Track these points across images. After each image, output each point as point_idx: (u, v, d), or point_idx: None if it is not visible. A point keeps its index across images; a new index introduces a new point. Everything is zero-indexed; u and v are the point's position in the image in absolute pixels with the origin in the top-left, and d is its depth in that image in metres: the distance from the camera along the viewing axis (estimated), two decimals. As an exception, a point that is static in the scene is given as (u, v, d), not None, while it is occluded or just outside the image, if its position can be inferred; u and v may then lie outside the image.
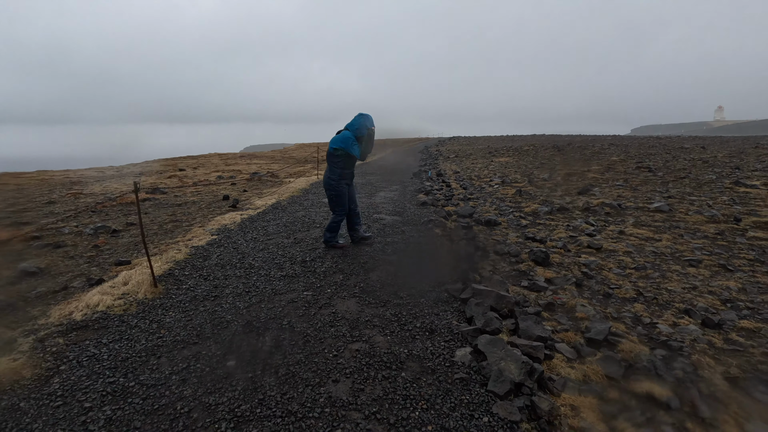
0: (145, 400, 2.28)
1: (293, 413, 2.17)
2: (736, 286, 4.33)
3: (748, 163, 15.27)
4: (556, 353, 2.97)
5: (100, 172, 17.27)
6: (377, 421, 2.13)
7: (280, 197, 8.72)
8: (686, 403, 2.55)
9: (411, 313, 3.34)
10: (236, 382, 2.43)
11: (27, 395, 2.31)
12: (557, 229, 6.62)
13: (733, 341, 3.25)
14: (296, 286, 3.85)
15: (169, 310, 3.37)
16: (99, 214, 7.33)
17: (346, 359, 2.67)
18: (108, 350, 2.77)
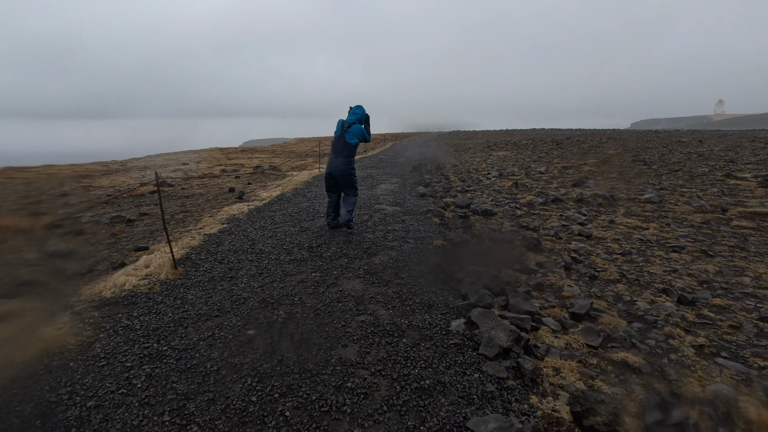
0: (179, 360, 2.60)
1: (309, 371, 2.50)
2: (714, 269, 4.65)
3: (743, 156, 15.52)
4: (542, 325, 3.29)
5: (105, 166, 17.55)
6: (382, 377, 2.45)
7: (284, 189, 9.02)
8: (656, 368, 2.88)
9: (411, 291, 3.66)
10: (257, 347, 2.75)
11: (74, 357, 2.63)
12: (550, 218, 6.94)
13: (704, 316, 3.57)
14: (305, 269, 4.17)
15: (190, 288, 3.69)
16: (112, 205, 7.64)
17: (353, 328, 3.00)
18: (139, 322, 3.09)
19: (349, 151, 5.25)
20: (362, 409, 2.19)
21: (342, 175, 5.26)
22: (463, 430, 2.06)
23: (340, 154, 5.25)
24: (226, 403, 2.22)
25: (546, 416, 2.26)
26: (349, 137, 5.19)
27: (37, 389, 2.33)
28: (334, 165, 5.27)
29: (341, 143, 5.23)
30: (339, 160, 5.25)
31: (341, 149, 5.26)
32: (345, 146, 5.22)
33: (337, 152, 5.28)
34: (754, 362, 2.90)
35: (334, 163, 5.27)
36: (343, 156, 5.24)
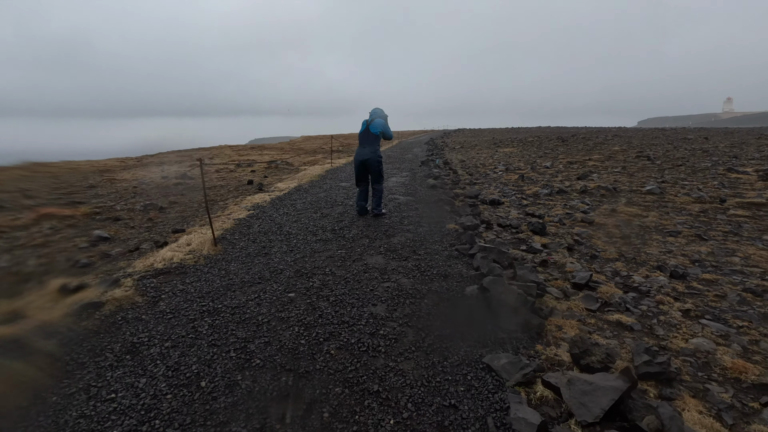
0: (233, 314, 3.04)
1: (345, 322, 2.93)
2: (707, 250, 5.02)
3: (748, 152, 15.74)
4: (546, 293, 3.70)
5: (121, 162, 18.09)
6: (408, 327, 2.88)
7: (300, 181, 9.46)
8: (646, 326, 3.28)
9: (428, 264, 4.08)
10: (299, 305, 3.19)
11: (145, 312, 3.09)
12: (555, 207, 7.32)
13: (693, 287, 3.96)
14: (330, 247, 4.60)
15: (231, 262, 4.14)
16: (141, 196, 8.12)
17: (380, 292, 3.42)
18: (193, 287, 3.54)
19: (374, 140, 5.97)
20: (394, 349, 2.62)
21: (372, 161, 5.91)
22: (480, 364, 2.49)
23: (368, 145, 5.95)
24: (279, 345, 2.66)
25: (549, 358, 2.68)
26: (373, 128, 5.92)
27: (121, 334, 2.79)
28: (364, 153, 5.93)
29: (367, 135, 5.96)
30: (367, 149, 5.93)
31: (368, 140, 5.98)
32: (370, 137, 5.94)
33: (364, 144, 5.98)
34: (734, 323, 3.29)
35: (364, 152, 5.94)
36: (370, 145, 5.94)
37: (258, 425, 1.99)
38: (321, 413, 2.08)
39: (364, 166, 5.97)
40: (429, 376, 2.37)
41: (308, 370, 2.42)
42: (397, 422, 2.03)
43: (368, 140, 5.96)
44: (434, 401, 2.18)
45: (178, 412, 2.08)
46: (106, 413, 2.07)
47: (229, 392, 2.22)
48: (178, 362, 2.47)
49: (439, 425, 2.02)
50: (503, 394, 2.24)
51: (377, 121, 5.93)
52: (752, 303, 3.63)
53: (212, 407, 2.11)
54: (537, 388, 2.35)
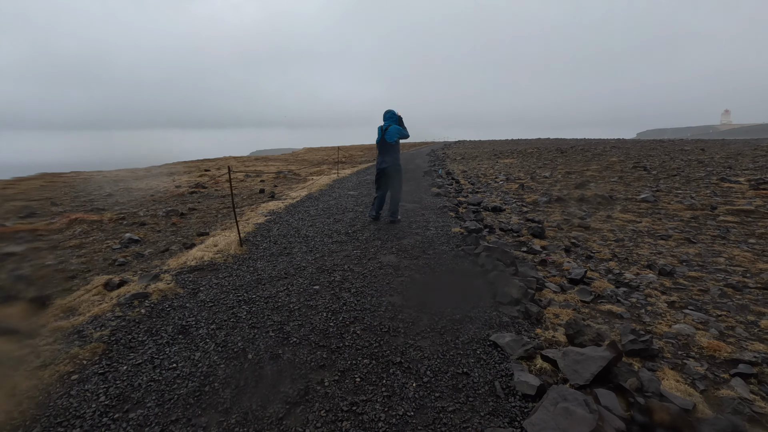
0: (267, 303, 3.43)
1: (367, 309, 3.32)
2: (695, 252, 5.41)
3: (742, 163, 16.18)
4: (545, 287, 4.09)
5: (132, 172, 18.58)
6: (423, 313, 3.26)
7: (310, 190, 9.90)
8: (634, 315, 3.66)
9: (437, 262, 4.47)
10: (324, 296, 3.58)
11: (188, 301, 3.48)
12: (553, 214, 7.73)
13: (679, 283, 4.35)
14: (346, 248, 5.00)
15: (257, 261, 4.53)
16: (159, 203, 8.54)
17: (395, 285, 3.81)
18: (226, 281, 3.93)
19: (391, 148, 6.11)
20: (412, 330, 3.00)
21: (390, 170, 6.13)
22: (487, 341, 2.87)
23: (387, 154, 6.15)
24: (311, 327, 3.04)
25: (547, 339, 3.05)
26: (389, 137, 6.05)
27: (171, 318, 3.18)
28: (386, 162, 6.13)
29: (385, 145, 6.11)
30: (388, 159, 6.13)
31: (387, 150, 6.15)
32: (388, 146, 6.11)
33: (384, 153, 6.17)
34: (714, 312, 3.67)
35: (385, 162, 6.14)
36: (390, 155, 6.14)
37: (302, 387, 2.37)
38: (354, 378, 2.46)
39: (383, 174, 6.20)
40: (443, 351, 2.75)
41: (338, 346, 2.79)
42: (418, 385, 2.40)
43: (386, 149, 6.10)
44: (449, 369, 2.55)
45: (233, 376, 2.46)
46: (171, 378, 2.45)
47: (273, 363, 2.60)
48: (225, 340, 2.86)
49: (455, 387, 2.40)
50: (508, 365, 2.61)
51: (392, 129, 6.00)
52: (732, 296, 4.01)
53: (261, 373, 2.49)
54: (537, 361, 2.72)
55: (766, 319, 3.52)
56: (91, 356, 2.67)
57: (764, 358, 2.86)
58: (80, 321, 3.15)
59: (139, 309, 3.33)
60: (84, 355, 2.67)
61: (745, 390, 2.55)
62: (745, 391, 2.54)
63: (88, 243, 5.47)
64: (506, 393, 2.35)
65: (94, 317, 3.20)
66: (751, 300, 3.92)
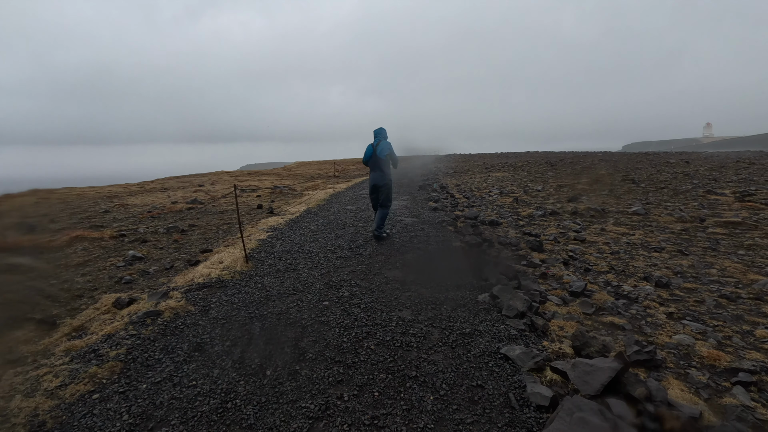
0: (279, 319, 3.48)
1: (378, 324, 3.39)
2: (688, 263, 5.59)
3: (726, 175, 16.65)
4: (548, 300, 4.19)
5: (125, 188, 18.47)
6: (433, 327, 3.34)
7: (308, 205, 9.97)
8: (636, 326, 3.78)
9: (442, 277, 4.57)
10: (334, 311, 3.64)
11: (200, 318, 3.51)
12: (549, 227, 7.90)
13: (675, 294, 4.49)
14: (351, 263, 5.07)
15: (264, 277, 4.58)
16: (158, 219, 8.54)
17: (404, 300, 3.89)
18: (236, 298, 3.97)
19: (383, 164, 6.29)
20: (424, 345, 3.08)
21: (384, 184, 6.29)
22: (498, 354, 2.95)
23: (380, 169, 6.32)
24: (325, 343, 3.10)
25: (554, 351, 3.15)
26: (380, 153, 6.25)
27: (185, 336, 3.21)
28: (378, 178, 6.29)
29: (377, 161, 6.28)
30: (379, 174, 6.30)
31: (379, 165, 6.32)
32: (379, 162, 6.27)
33: (375, 169, 6.34)
34: (711, 323, 3.80)
35: (377, 177, 6.30)
36: (381, 170, 6.30)
37: (322, 402, 2.42)
38: (372, 393, 2.52)
39: (376, 190, 6.36)
40: (457, 365, 2.83)
41: (354, 361, 2.86)
42: (436, 398, 2.47)
43: (378, 164, 6.27)
44: (464, 383, 2.63)
45: (254, 393, 2.50)
46: (193, 395, 2.49)
47: (292, 379, 2.65)
48: (241, 357, 2.90)
49: (471, 399, 2.47)
50: (520, 377, 2.70)
51: (383, 145, 6.21)
52: (726, 307, 4.16)
53: (281, 389, 2.54)
54: (546, 373, 2.81)
55: (761, 329, 3.67)
56: (110, 375, 2.70)
57: (762, 366, 2.99)
58: (94, 340, 3.17)
59: (152, 327, 3.36)
60: (103, 374, 2.70)
61: (746, 398, 2.67)
62: (746, 398, 2.66)
63: (91, 260, 5.46)
64: (521, 404, 2.43)
65: (107, 336, 3.22)
66: (745, 310, 4.07)
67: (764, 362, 3.07)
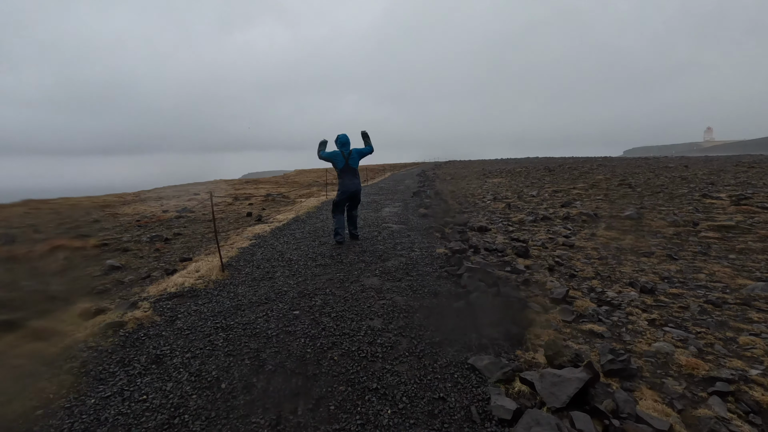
0: (245, 329, 3.38)
1: (346, 334, 3.28)
2: (676, 268, 5.46)
3: (724, 179, 16.51)
4: (527, 308, 4.07)
5: (120, 197, 18.45)
6: (402, 336, 3.23)
7: (297, 213, 9.89)
8: (615, 334, 3.66)
9: (420, 284, 4.46)
10: (303, 321, 3.53)
11: (164, 329, 3.41)
12: (539, 233, 7.79)
13: (660, 300, 4.37)
14: (329, 271, 4.97)
15: (238, 286, 4.49)
16: (145, 228, 8.47)
17: (376, 309, 3.78)
18: (205, 308, 3.87)
19: (356, 172, 6.53)
20: (390, 355, 2.97)
21: (358, 191, 6.57)
22: (465, 364, 2.84)
23: (354, 177, 6.48)
24: (288, 353, 3.00)
25: (527, 361, 3.04)
26: (353, 162, 6.42)
27: (145, 348, 3.11)
28: (355, 185, 6.46)
29: (350, 169, 6.42)
30: (355, 181, 6.47)
31: (353, 174, 6.48)
32: (353, 170, 6.46)
33: (350, 176, 6.45)
34: (693, 330, 3.68)
35: (354, 184, 6.45)
36: (355, 177, 6.50)
37: (274, 417, 2.32)
38: (328, 406, 2.41)
39: (353, 196, 6.50)
40: (421, 376, 2.72)
41: (315, 373, 2.75)
42: (393, 412, 2.36)
43: (351, 173, 6.43)
44: (425, 395, 2.52)
45: (204, 408, 2.40)
46: (140, 411, 2.38)
47: (247, 392, 2.55)
48: (199, 369, 2.80)
49: (430, 413, 2.36)
50: (485, 388, 2.59)
51: (354, 153, 6.39)
52: (711, 313, 4.03)
53: (233, 404, 2.43)
54: (515, 384, 2.70)
55: (745, 336, 3.54)
56: (59, 390, 2.60)
57: (741, 375, 2.87)
58: (51, 352, 3.07)
59: (113, 338, 3.26)
60: (51, 389, 2.60)
61: (722, 409, 2.55)
62: (722, 409, 2.54)
63: (68, 270, 5.38)
64: (482, 418, 2.32)
65: (66, 348, 3.12)
66: (730, 316, 3.94)
67: (744, 371, 2.95)
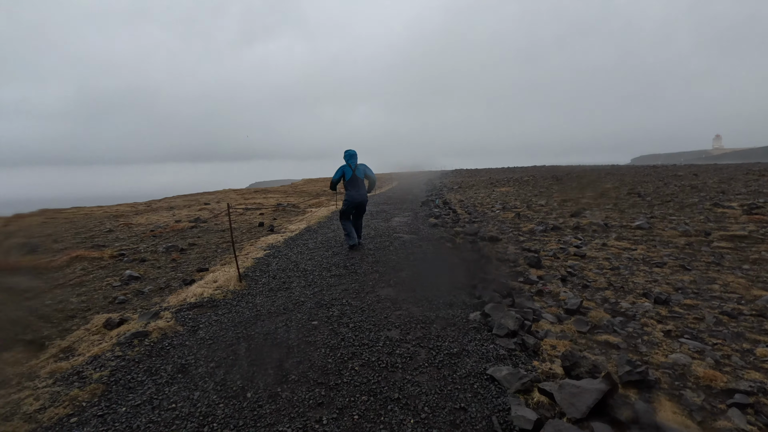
0: (266, 339, 3.46)
1: (365, 344, 3.34)
2: (690, 279, 5.47)
3: (735, 188, 16.41)
4: (542, 318, 4.12)
5: (132, 207, 18.73)
6: (420, 347, 3.29)
7: (309, 223, 10.00)
8: (631, 345, 3.68)
9: (435, 295, 4.52)
10: (323, 331, 3.60)
11: (187, 339, 3.50)
12: (550, 243, 7.81)
13: (675, 311, 4.38)
14: (345, 281, 5.05)
15: (256, 296, 4.57)
16: (160, 238, 8.62)
17: (393, 319, 3.85)
18: (226, 318, 3.96)
19: (361, 183, 6.95)
20: (410, 365, 3.03)
21: (364, 202, 7.02)
22: (484, 375, 2.89)
23: (361, 188, 6.93)
24: (310, 363, 3.06)
25: (544, 372, 3.07)
26: (359, 174, 6.88)
27: (170, 357, 3.20)
28: (361, 196, 6.92)
29: (357, 180, 6.86)
30: (361, 192, 6.93)
31: (359, 185, 6.93)
32: (359, 181, 6.89)
33: (357, 188, 6.90)
34: (710, 341, 3.69)
35: (360, 195, 6.92)
36: (361, 188, 6.94)
37: (300, 426, 2.38)
38: (352, 416, 2.47)
39: (360, 206, 6.94)
40: (441, 386, 2.77)
41: (337, 383, 2.81)
42: (416, 422, 2.42)
43: (357, 184, 6.84)
44: (447, 405, 2.57)
45: (232, 417, 2.47)
46: (171, 419, 2.46)
47: (272, 401, 2.61)
48: (224, 378, 2.88)
49: (452, 423, 2.41)
50: (505, 399, 2.63)
51: (360, 167, 6.88)
52: (727, 324, 4.04)
53: (260, 413, 2.50)
54: (534, 394, 2.74)
55: (762, 347, 3.55)
56: (91, 398, 2.69)
57: (760, 387, 2.88)
58: (80, 361, 3.17)
59: (138, 348, 3.35)
60: (83, 397, 2.69)
61: (742, 421, 2.56)
62: (742, 421, 2.56)
63: (88, 281, 5.51)
64: (504, 428, 2.37)
65: (93, 357, 3.22)
66: (746, 327, 3.95)
67: (762, 382, 2.96)
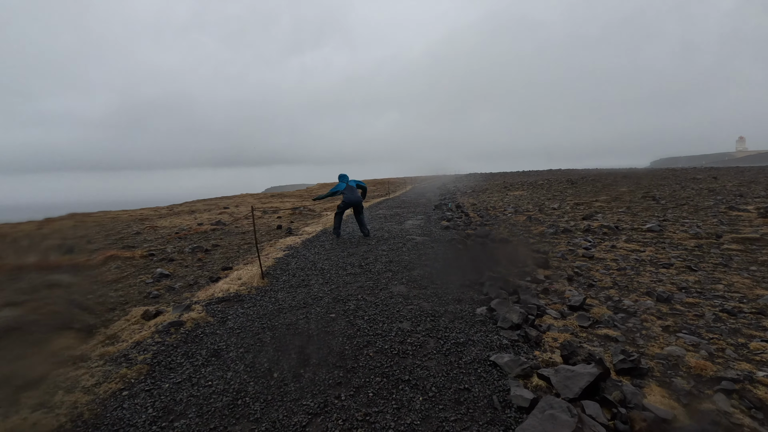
0: (288, 328, 3.80)
1: (379, 334, 3.65)
2: (694, 279, 5.62)
3: (755, 191, 16.20)
4: (545, 314, 4.36)
5: (155, 211, 19.46)
6: (429, 337, 3.58)
7: (324, 225, 10.38)
8: (629, 338, 3.89)
9: (444, 291, 4.80)
10: (340, 323, 3.93)
11: (218, 328, 3.87)
12: (559, 245, 8.00)
13: (676, 309, 4.57)
14: (360, 279, 5.37)
15: (278, 292, 4.93)
16: (185, 240, 9.10)
17: (405, 313, 4.15)
18: (251, 310, 4.32)
19: (356, 190, 8.72)
20: (419, 352, 3.32)
21: (359, 201, 8.69)
22: (487, 361, 3.17)
23: (354, 192, 8.66)
24: (329, 349, 3.39)
25: (544, 360, 3.33)
26: (352, 184, 8.81)
27: (204, 343, 3.56)
28: (355, 196, 8.64)
29: (351, 188, 8.68)
30: (355, 194, 8.66)
31: (353, 191, 8.70)
32: (353, 189, 8.71)
33: (353, 192, 8.61)
34: (706, 336, 3.88)
35: (354, 196, 8.62)
36: (356, 192, 8.67)
37: (321, 400, 2.70)
38: (367, 393, 2.78)
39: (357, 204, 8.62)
40: (447, 370, 3.06)
41: (353, 366, 3.13)
42: (424, 399, 2.71)
43: (353, 190, 8.68)
44: (452, 386, 2.86)
45: (261, 392, 2.80)
46: (208, 394, 2.81)
47: (296, 380, 2.94)
48: (253, 362, 3.22)
49: (456, 401, 2.70)
50: (505, 382, 2.90)
51: (353, 180, 8.89)
52: (726, 321, 4.22)
53: (285, 390, 2.83)
54: (533, 379, 3.00)
55: (757, 341, 3.73)
56: (138, 376, 3.06)
57: (747, 376, 3.08)
58: (125, 346, 3.56)
59: (175, 335, 3.73)
60: (131, 375, 3.06)
61: (726, 404, 2.78)
62: (726, 405, 2.77)
63: (123, 277, 5.96)
64: (503, 406, 2.64)
65: (136, 343, 3.60)
66: (744, 324, 4.12)
67: (751, 372, 3.16)
